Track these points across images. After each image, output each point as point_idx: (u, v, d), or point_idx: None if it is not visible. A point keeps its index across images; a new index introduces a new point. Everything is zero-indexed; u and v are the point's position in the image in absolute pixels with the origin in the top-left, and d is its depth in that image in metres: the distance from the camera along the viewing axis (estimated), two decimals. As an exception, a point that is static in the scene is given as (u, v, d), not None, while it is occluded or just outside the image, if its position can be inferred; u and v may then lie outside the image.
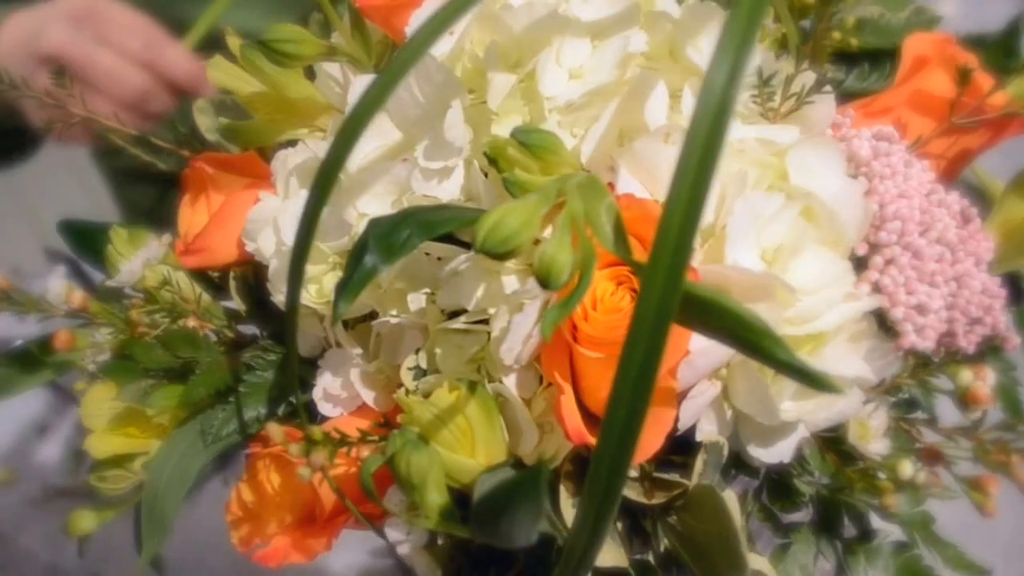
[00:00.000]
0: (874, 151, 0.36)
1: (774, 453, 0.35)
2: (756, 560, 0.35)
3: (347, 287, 0.28)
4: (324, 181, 0.30)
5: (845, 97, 0.45)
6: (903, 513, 0.38)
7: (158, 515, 0.34)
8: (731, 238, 0.31)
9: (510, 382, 0.33)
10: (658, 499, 0.33)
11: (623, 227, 0.28)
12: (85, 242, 0.46)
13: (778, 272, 0.33)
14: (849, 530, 0.38)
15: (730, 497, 0.37)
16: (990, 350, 0.40)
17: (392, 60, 0.30)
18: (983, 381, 0.34)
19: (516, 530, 0.26)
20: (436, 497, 0.30)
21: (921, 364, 0.35)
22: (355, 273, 0.28)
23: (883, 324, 0.35)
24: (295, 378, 0.31)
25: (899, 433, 0.35)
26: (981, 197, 0.45)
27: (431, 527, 0.30)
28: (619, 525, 0.36)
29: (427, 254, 0.34)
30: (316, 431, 0.30)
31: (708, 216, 0.33)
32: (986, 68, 0.42)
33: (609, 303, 0.32)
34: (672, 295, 0.25)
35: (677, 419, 0.33)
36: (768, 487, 0.37)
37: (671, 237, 0.25)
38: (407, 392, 0.32)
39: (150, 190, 0.51)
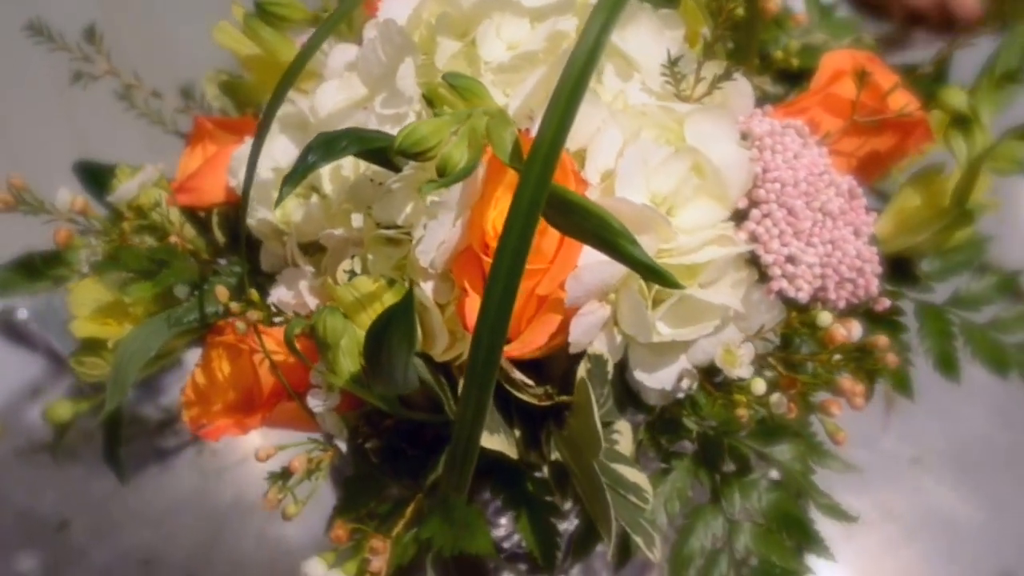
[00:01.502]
0: (771, 130, 0.44)
1: (656, 379, 0.42)
2: (635, 475, 0.43)
3: (292, 176, 0.37)
4: (273, 103, 0.39)
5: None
6: (784, 461, 0.45)
7: (121, 378, 0.43)
8: (621, 177, 0.40)
9: (428, 288, 0.41)
10: (545, 402, 0.41)
11: (520, 147, 0.37)
12: (96, 181, 0.56)
13: (665, 214, 0.41)
14: (729, 466, 0.45)
15: (624, 426, 0.45)
16: (888, 328, 0.48)
17: (328, 15, 0.39)
18: (848, 330, 0.41)
19: (394, 358, 0.34)
20: (348, 364, 0.38)
21: (797, 313, 0.43)
22: (299, 166, 0.37)
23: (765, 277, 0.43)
24: (244, 256, 0.40)
25: (767, 367, 0.42)
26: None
27: (340, 384, 0.38)
28: (517, 433, 0.43)
29: (371, 180, 0.43)
30: (254, 293, 0.39)
31: (609, 163, 0.41)
32: (916, 95, 0.50)
33: (518, 228, 0.41)
34: (541, 190, 0.33)
35: (568, 332, 0.41)
36: (659, 422, 0.45)
37: (543, 146, 0.33)
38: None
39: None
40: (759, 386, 0.40)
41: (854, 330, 0.42)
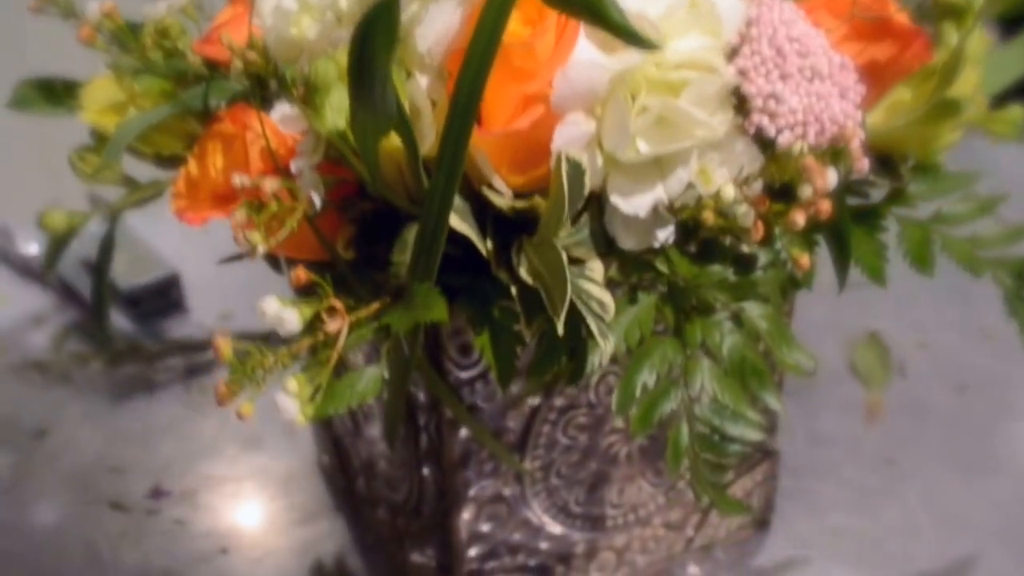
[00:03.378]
0: (772, -3, 0.47)
1: (632, 205, 0.44)
2: (601, 293, 0.44)
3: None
4: None
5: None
6: (752, 316, 0.46)
7: (116, 145, 0.45)
8: (618, -7, 0.43)
9: (423, 81, 0.44)
10: (520, 204, 0.43)
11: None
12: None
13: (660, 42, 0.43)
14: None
15: (596, 265, 0.46)
16: (866, 217, 0.50)
17: None
18: (821, 174, 0.43)
19: (375, 61, 0.35)
20: (333, 116, 0.40)
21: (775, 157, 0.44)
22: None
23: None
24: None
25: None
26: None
27: (323, 129, 0.40)
28: (489, 244, 0.45)
29: None
30: (256, 41, 0.42)
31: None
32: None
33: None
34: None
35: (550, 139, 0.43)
36: (632, 262, 0.46)
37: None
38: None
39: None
40: (728, 191, 0.41)
41: (830, 176, 0.43)
